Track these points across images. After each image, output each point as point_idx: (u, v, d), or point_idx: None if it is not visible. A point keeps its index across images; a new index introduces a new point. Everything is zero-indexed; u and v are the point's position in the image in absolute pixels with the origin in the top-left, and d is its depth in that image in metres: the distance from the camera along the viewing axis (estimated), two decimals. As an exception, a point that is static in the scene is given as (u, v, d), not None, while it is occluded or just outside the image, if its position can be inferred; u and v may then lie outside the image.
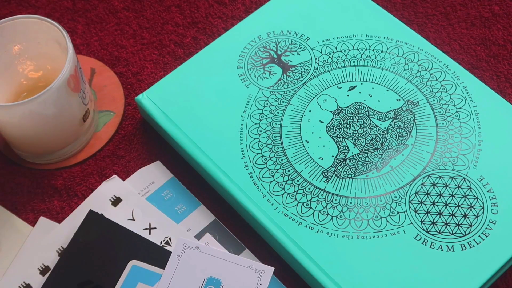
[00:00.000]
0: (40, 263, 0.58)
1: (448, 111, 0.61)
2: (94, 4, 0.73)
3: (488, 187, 0.57)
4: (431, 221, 0.56)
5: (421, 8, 0.71)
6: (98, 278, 0.56)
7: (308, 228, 0.57)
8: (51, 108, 0.59)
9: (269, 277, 0.56)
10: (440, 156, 0.59)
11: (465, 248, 0.55)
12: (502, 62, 0.67)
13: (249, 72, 0.64)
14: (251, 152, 0.60)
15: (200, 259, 0.57)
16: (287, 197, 0.58)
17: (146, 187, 0.62)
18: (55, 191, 0.63)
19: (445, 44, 0.68)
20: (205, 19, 0.71)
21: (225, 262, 0.56)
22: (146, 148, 0.65)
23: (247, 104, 0.63)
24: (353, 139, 0.60)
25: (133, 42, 0.70)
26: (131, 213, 0.60)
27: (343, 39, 0.66)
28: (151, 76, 0.68)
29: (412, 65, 0.64)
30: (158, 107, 0.63)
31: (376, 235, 0.56)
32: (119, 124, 0.66)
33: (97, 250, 0.58)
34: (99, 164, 0.64)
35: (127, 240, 0.58)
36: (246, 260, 0.57)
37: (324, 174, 0.59)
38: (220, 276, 0.56)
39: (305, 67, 0.64)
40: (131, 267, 0.57)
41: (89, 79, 0.68)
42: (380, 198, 0.58)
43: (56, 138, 0.62)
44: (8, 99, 0.63)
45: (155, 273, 0.56)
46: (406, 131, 0.61)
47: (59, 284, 0.57)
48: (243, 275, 0.56)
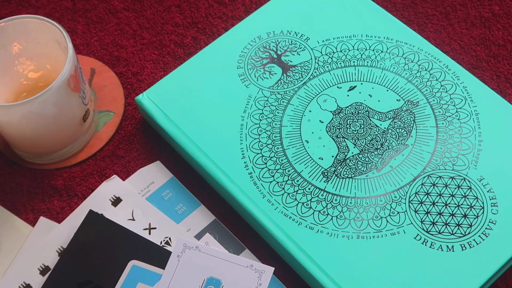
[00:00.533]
0: (40, 263, 0.58)
1: (448, 111, 0.61)
2: (94, 4, 0.73)
3: (488, 187, 0.57)
4: (431, 221, 0.56)
5: (421, 8, 0.71)
6: (98, 278, 0.56)
7: (308, 228, 0.57)
8: (51, 108, 0.59)
9: (269, 277, 0.56)
10: (440, 156, 0.59)
11: (465, 248, 0.55)
12: (502, 62, 0.67)
13: (249, 72, 0.64)
14: (251, 152, 0.60)
15: (200, 259, 0.57)
16: (287, 197, 0.58)
17: (146, 187, 0.62)
18: (55, 191, 0.63)
19: (445, 44, 0.68)
20: (205, 19, 0.71)
21: (225, 262, 0.56)
22: (146, 148, 0.65)
23: (247, 104, 0.63)
24: (353, 139, 0.60)
25: (133, 42, 0.70)
26: (131, 213, 0.60)
27: (343, 39, 0.66)
28: (151, 76, 0.68)
29: (412, 65, 0.64)
30: (158, 107, 0.63)
31: (376, 235, 0.56)
32: (119, 124, 0.66)
33: (97, 250, 0.58)
34: (99, 164, 0.64)
35: (127, 240, 0.58)
36: (246, 260, 0.57)
37: (324, 174, 0.59)
38: (220, 276, 0.56)
39: (305, 67, 0.64)
40: (131, 267, 0.57)
41: (89, 79, 0.68)
42: (380, 198, 0.58)
43: (56, 138, 0.62)
44: (8, 99, 0.63)
45: (155, 273, 0.56)
46: (406, 131, 0.61)
47: (59, 284, 0.57)
48: (243, 275, 0.56)
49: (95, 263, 0.57)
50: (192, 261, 0.56)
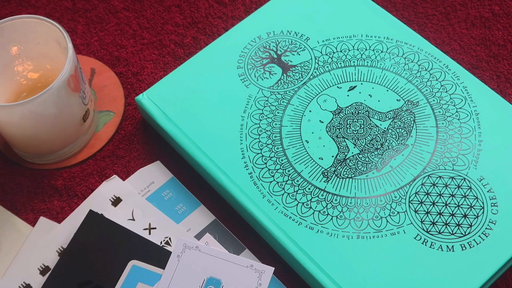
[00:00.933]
0: (40, 263, 0.58)
1: (448, 111, 0.61)
2: (94, 4, 0.73)
3: (488, 187, 0.57)
4: (431, 221, 0.56)
5: (421, 8, 0.71)
6: (98, 278, 0.56)
7: (308, 228, 0.57)
8: (51, 108, 0.59)
9: (269, 277, 0.56)
10: (440, 156, 0.59)
11: (465, 248, 0.55)
12: (502, 62, 0.67)
13: (249, 72, 0.64)
14: (251, 152, 0.60)
15: (200, 259, 0.57)
16: (287, 197, 0.58)
17: (146, 187, 0.62)
18: (55, 191, 0.63)
19: (445, 44, 0.68)
20: (205, 19, 0.71)
21: (225, 262, 0.56)
22: (146, 148, 0.65)
23: (247, 104, 0.63)
24: (353, 139, 0.60)
25: (133, 42, 0.70)
26: (131, 213, 0.60)
27: (343, 39, 0.66)
28: (151, 76, 0.68)
29: (412, 65, 0.64)
30: (158, 107, 0.63)
31: (376, 235, 0.56)
32: (119, 124, 0.66)
33: (97, 250, 0.58)
34: (99, 164, 0.64)
35: (127, 240, 0.58)
36: (246, 260, 0.57)
37: (324, 174, 0.59)
38: (220, 276, 0.56)
39: (305, 67, 0.64)
40: (131, 267, 0.57)
41: (89, 79, 0.68)
42: (380, 198, 0.58)
43: (56, 138, 0.62)
44: (8, 99, 0.63)
45: (155, 273, 0.56)
46: (406, 131, 0.61)
47: (59, 284, 0.57)
48: (243, 275, 0.56)
49: (95, 263, 0.57)
50: (192, 261, 0.56)
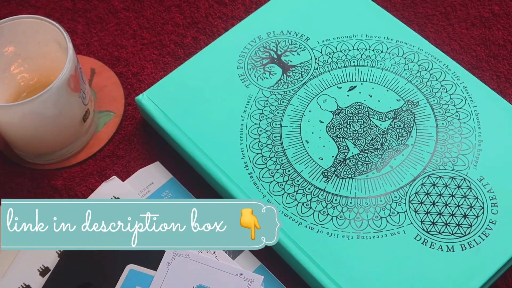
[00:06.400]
0: (40, 264, 0.58)
1: (448, 111, 0.61)
2: (94, 4, 0.73)
3: (488, 187, 0.57)
4: (431, 221, 0.56)
5: (421, 8, 0.71)
6: (97, 281, 0.56)
7: (308, 228, 0.57)
8: (51, 108, 0.59)
9: (258, 286, 0.55)
10: (440, 156, 0.59)
11: (465, 248, 0.55)
12: (502, 62, 0.67)
13: (249, 72, 0.64)
14: (251, 152, 0.60)
15: (189, 266, 0.56)
16: (287, 197, 0.58)
17: (146, 188, 0.62)
18: (55, 191, 0.63)
19: (445, 44, 0.68)
20: (205, 19, 0.71)
21: (214, 270, 0.56)
22: (146, 148, 0.65)
23: (247, 104, 0.63)
24: (353, 139, 0.60)
25: (133, 42, 0.70)
26: (131, 213, 0.60)
27: (343, 39, 0.66)
28: (151, 76, 0.68)
29: (412, 65, 0.64)
30: (158, 107, 0.63)
31: (376, 235, 0.56)
32: (119, 124, 0.66)
33: (96, 252, 0.57)
34: (99, 164, 0.64)
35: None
36: (236, 268, 0.56)
37: (324, 174, 0.59)
38: (210, 284, 0.55)
39: (305, 67, 0.64)
40: (129, 271, 0.56)
41: (89, 79, 0.68)
42: (380, 198, 0.58)
43: (56, 138, 0.62)
44: (8, 99, 0.63)
45: (153, 277, 0.56)
46: (406, 131, 0.61)
47: (59, 285, 0.57)
48: (233, 283, 0.55)
49: (94, 266, 0.57)
50: (182, 269, 0.56)
